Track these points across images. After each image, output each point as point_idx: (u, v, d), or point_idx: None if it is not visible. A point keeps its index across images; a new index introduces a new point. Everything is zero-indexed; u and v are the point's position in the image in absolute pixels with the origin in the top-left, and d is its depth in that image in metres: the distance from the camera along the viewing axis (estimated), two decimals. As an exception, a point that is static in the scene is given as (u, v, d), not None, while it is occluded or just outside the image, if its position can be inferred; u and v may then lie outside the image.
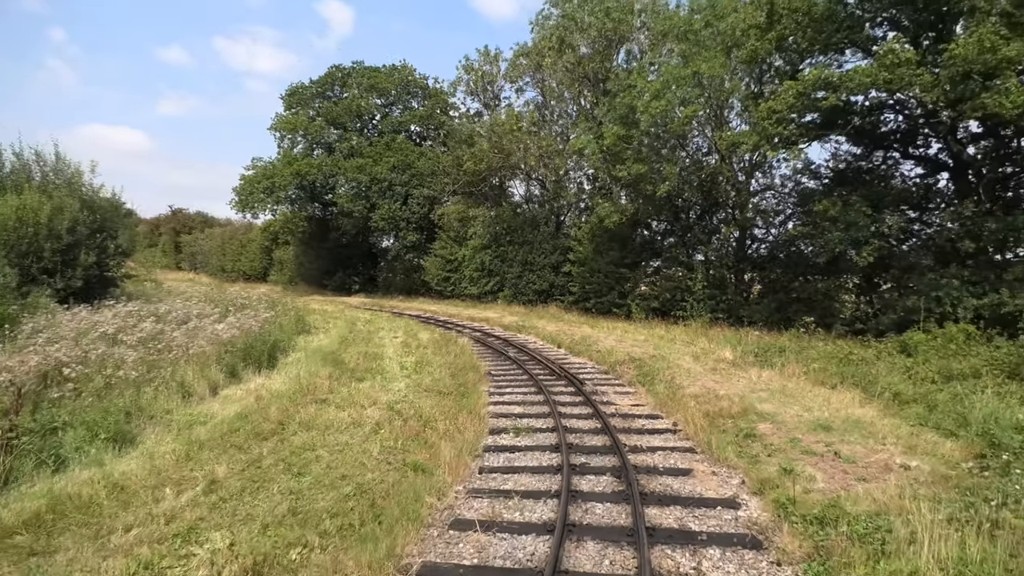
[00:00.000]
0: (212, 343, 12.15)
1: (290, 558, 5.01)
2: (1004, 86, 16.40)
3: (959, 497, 6.14)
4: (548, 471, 7.81)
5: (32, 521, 5.49)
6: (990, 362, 11.55)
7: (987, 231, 19.11)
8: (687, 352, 16.90)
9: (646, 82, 25.25)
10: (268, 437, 8.25)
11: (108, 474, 6.55)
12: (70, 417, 7.72)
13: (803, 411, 10.21)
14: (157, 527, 5.52)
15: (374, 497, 6.36)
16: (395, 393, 11.10)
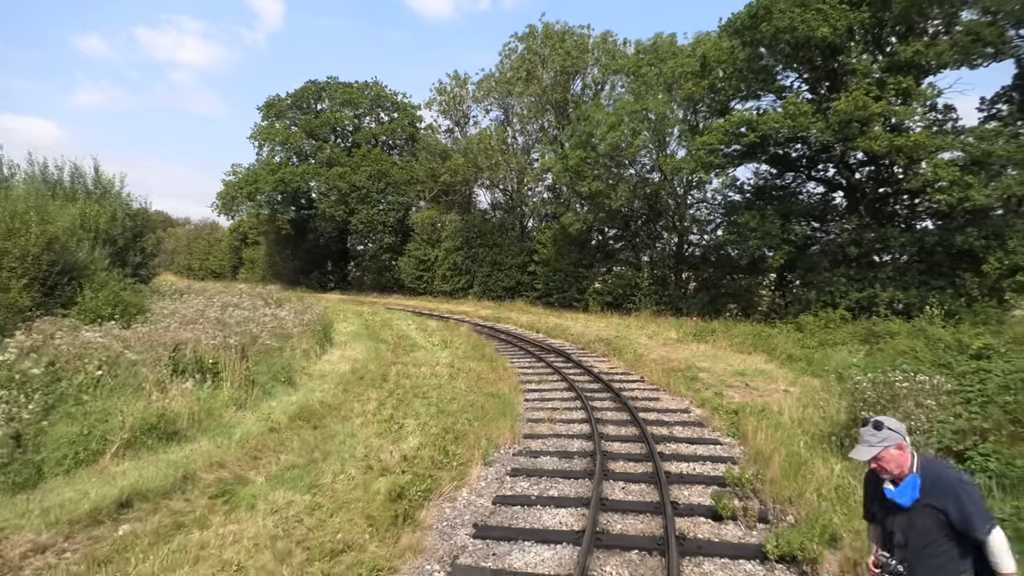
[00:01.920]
0: (296, 325, 15.83)
1: (459, 428, 9.00)
2: (873, 132, 21.63)
3: (810, 401, 10.68)
4: (571, 400, 12.00)
5: (297, 415, 9.30)
6: (851, 334, 16.48)
7: (866, 240, 24.53)
8: (642, 334, 21.43)
9: (604, 113, 29.82)
10: (383, 382, 12.16)
11: (310, 398, 10.38)
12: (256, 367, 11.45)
13: (727, 366, 14.79)
14: (370, 416, 9.45)
15: (480, 407, 10.38)
16: (444, 359, 15.09)
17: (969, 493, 2.94)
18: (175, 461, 7.29)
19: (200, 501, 6.37)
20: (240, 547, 5.31)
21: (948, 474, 3.05)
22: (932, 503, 2.96)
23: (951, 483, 2.97)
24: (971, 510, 2.89)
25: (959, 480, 3.00)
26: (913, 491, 3.01)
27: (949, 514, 2.91)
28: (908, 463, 3.04)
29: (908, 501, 3.02)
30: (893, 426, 3.06)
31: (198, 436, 8.37)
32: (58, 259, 15.85)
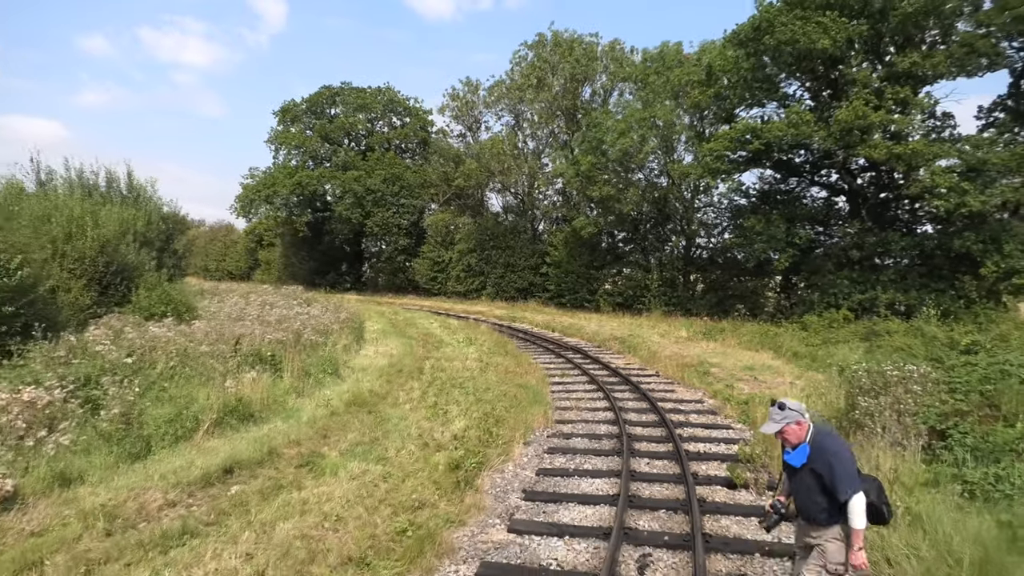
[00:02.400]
0: (333, 323, 16.89)
1: (497, 414, 10.02)
2: (873, 140, 22.56)
3: (813, 391, 11.66)
4: (594, 391, 13.00)
5: (352, 402, 10.34)
6: (853, 333, 17.44)
7: (868, 243, 25.47)
8: (654, 332, 22.42)
9: (613, 120, 30.82)
10: (420, 374, 13.20)
11: (359, 387, 11.42)
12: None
13: (736, 362, 15.77)
14: (416, 403, 10.50)
15: (512, 396, 11.39)
16: (472, 354, 16.13)
17: (842, 463, 3.83)
18: (258, 438, 8.34)
19: (288, 470, 7.42)
20: (334, 503, 6.34)
21: (829, 446, 3.94)
22: (815, 467, 3.90)
23: (829, 454, 3.87)
24: (840, 477, 3.80)
25: (835, 453, 3.88)
26: (802, 457, 3.97)
27: (824, 477, 3.85)
28: (804, 435, 3.99)
29: (798, 463, 4.00)
30: (793, 407, 4.01)
31: (270, 418, 9.42)
32: (111, 261, 16.96)
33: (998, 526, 5.09)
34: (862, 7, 23.56)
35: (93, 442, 7.43)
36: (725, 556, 5.68)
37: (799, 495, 4.05)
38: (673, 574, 5.38)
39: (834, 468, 3.83)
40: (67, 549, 5.26)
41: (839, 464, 3.84)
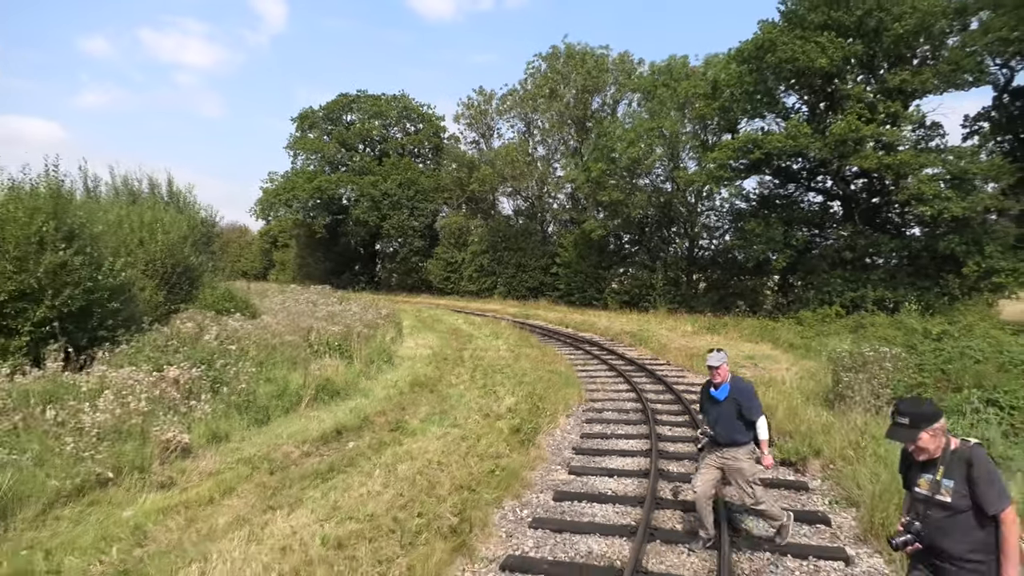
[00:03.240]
0: (376, 318, 18.66)
1: (538, 393, 11.78)
2: (865, 151, 24.32)
3: (806, 374, 13.44)
4: (614, 376, 14.77)
5: (414, 383, 12.12)
6: (843, 326, 19.21)
7: (859, 245, 27.25)
8: (661, 328, 24.18)
9: (623, 130, 32.60)
10: (462, 362, 14.97)
11: (415, 372, 13.20)
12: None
13: (739, 352, 17.54)
14: (468, 384, 12.27)
15: (547, 380, 13.15)
16: (502, 346, 17.91)
17: (750, 397, 5.63)
18: (351, 409, 10.12)
19: (384, 432, 9.19)
20: (431, 453, 8.11)
21: (743, 386, 5.75)
22: (734, 398, 5.65)
23: (743, 391, 5.67)
24: (750, 406, 5.59)
25: (747, 390, 5.70)
26: (725, 392, 5.71)
27: (741, 406, 5.61)
28: (727, 376, 5.75)
29: (722, 397, 5.72)
30: (722, 355, 5.75)
31: (352, 395, 11.20)
32: (177, 263, 18.71)
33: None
34: (857, 28, 25.32)
35: (227, 411, 9.20)
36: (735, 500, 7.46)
37: (720, 423, 5.73)
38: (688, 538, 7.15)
39: (748, 399, 5.62)
40: (247, 482, 7.04)
41: (750, 397, 5.64)
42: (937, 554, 3.28)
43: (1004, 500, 3.13)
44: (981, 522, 3.18)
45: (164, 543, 5.51)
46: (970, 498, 3.18)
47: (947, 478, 3.24)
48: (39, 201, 12.47)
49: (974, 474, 3.17)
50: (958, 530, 3.23)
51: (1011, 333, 13.58)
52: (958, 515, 3.22)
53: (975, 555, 3.17)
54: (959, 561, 3.19)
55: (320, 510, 6.15)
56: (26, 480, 6.25)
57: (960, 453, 3.27)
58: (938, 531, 3.27)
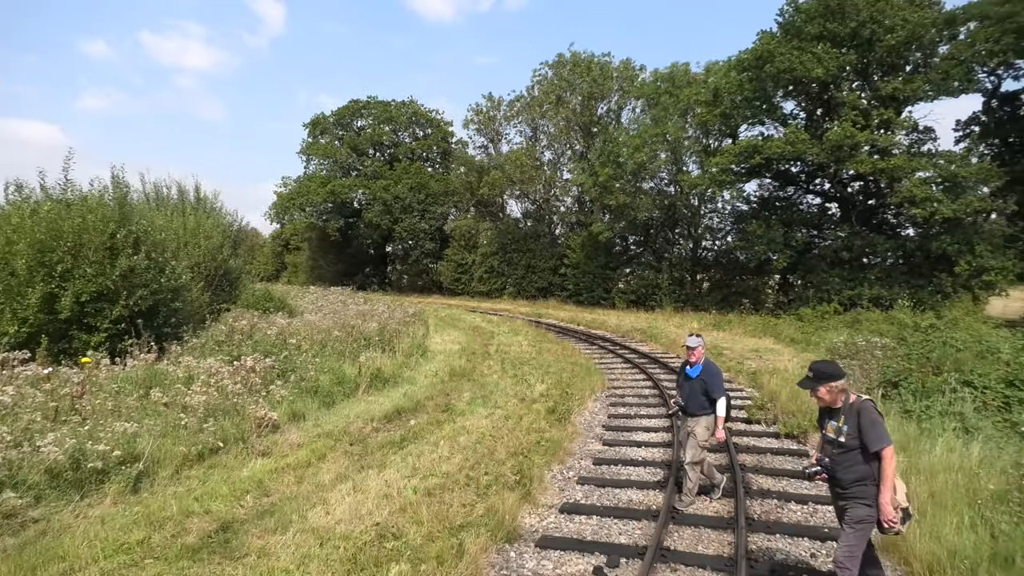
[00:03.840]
0: (406, 316, 19.90)
1: (565, 381, 13.02)
2: (860, 156, 25.53)
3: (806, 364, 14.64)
4: (630, 367, 16.00)
5: (452, 373, 13.36)
6: (841, 321, 20.44)
7: (856, 246, 28.47)
8: (669, 325, 25.41)
9: (628, 136, 33.85)
10: (490, 356, 16.21)
11: (451, 364, 14.44)
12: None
13: (744, 346, 18.78)
14: (500, 374, 13.51)
15: (571, 370, 14.40)
16: (523, 341, 19.15)
17: (716, 377, 6.77)
18: (403, 394, 11.36)
19: (436, 413, 10.42)
20: (484, 429, 9.34)
21: (712, 368, 6.90)
22: (703, 378, 6.82)
23: (710, 372, 6.83)
24: (715, 385, 6.73)
25: (715, 371, 6.86)
26: (697, 371, 6.90)
27: (707, 384, 6.78)
28: (701, 358, 6.94)
29: (695, 375, 6.90)
30: (700, 340, 6.97)
31: (400, 383, 12.44)
32: (219, 266, 19.96)
33: (919, 428, 8.11)
34: (851, 38, 26.56)
35: (299, 395, 10.44)
36: (747, 454, 8.68)
37: (690, 397, 6.88)
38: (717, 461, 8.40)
39: (713, 379, 6.80)
40: (333, 451, 8.27)
41: (716, 378, 6.83)
42: (837, 482, 4.37)
43: (884, 441, 4.12)
44: (866, 458, 4.19)
45: (284, 494, 6.74)
46: (859, 439, 4.19)
47: (845, 424, 4.29)
48: (108, 211, 13.71)
49: (862, 421, 4.19)
50: (850, 464, 4.25)
51: (993, 327, 14.82)
52: (850, 452, 4.24)
53: (862, 482, 4.23)
54: (851, 486, 4.27)
55: (403, 470, 7.39)
56: (159, 447, 7.49)
57: (855, 405, 4.30)
58: (837, 465, 4.31)
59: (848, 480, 4.27)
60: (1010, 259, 24.43)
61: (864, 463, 4.22)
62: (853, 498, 4.25)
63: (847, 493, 4.30)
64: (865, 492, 4.22)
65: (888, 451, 4.14)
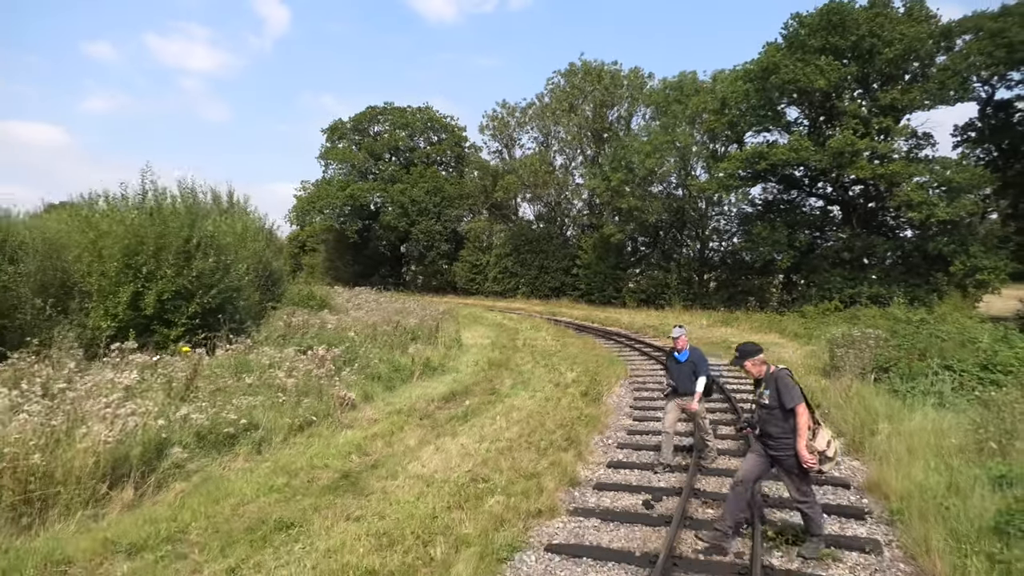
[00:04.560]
0: (436, 314, 21.38)
1: (592, 370, 14.47)
2: (860, 162, 26.89)
3: (809, 356, 16.06)
4: (648, 360, 17.40)
5: (490, 363, 14.83)
6: (841, 318, 21.82)
7: (856, 247, 29.83)
8: (681, 320, 26.79)
9: (639, 143, 35.31)
10: (519, 349, 17.68)
11: (487, 355, 15.91)
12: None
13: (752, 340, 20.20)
14: (533, 364, 14.98)
15: (596, 361, 15.84)
16: (547, 337, 20.61)
17: (703, 361, 8.03)
18: (452, 380, 12.85)
19: (484, 396, 11.89)
20: (530, 408, 10.79)
21: (698, 354, 8.16)
22: (692, 360, 8.09)
23: (698, 356, 8.10)
24: (701, 367, 7.98)
25: (702, 356, 8.13)
26: (685, 356, 8.14)
27: (696, 367, 8.09)
28: (687, 345, 8.25)
29: (683, 359, 8.16)
30: (683, 330, 8.31)
31: (446, 371, 13.93)
32: (265, 267, 21.49)
33: (903, 403, 9.55)
34: (852, 51, 27.95)
35: (366, 380, 11.93)
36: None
37: (681, 379, 7.93)
38: (729, 448, 9.84)
39: (701, 362, 8.03)
40: (407, 424, 9.74)
41: (702, 361, 8.05)
42: (765, 436, 5.51)
43: (796, 400, 5.22)
44: (785, 416, 5.29)
45: (381, 454, 8.22)
46: (778, 401, 5.32)
47: (767, 390, 5.49)
48: (182, 218, 15.23)
49: (779, 386, 5.34)
50: (774, 421, 5.36)
51: (979, 321, 16.22)
52: (773, 411, 5.36)
53: (783, 435, 5.34)
54: (775, 439, 5.41)
55: (473, 437, 8.87)
56: (270, 419, 8.98)
57: (773, 374, 5.47)
58: (764, 422, 5.45)
59: (774, 434, 5.40)
60: (1002, 259, 25.78)
61: (784, 420, 5.33)
62: (782, 449, 5.39)
63: (776, 445, 5.41)
64: (789, 444, 5.31)
65: (800, 408, 5.24)
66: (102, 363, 10.90)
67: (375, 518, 5.93)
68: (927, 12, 29.08)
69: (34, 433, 6.25)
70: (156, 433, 7.36)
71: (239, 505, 6.33)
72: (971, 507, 5.39)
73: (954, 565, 4.66)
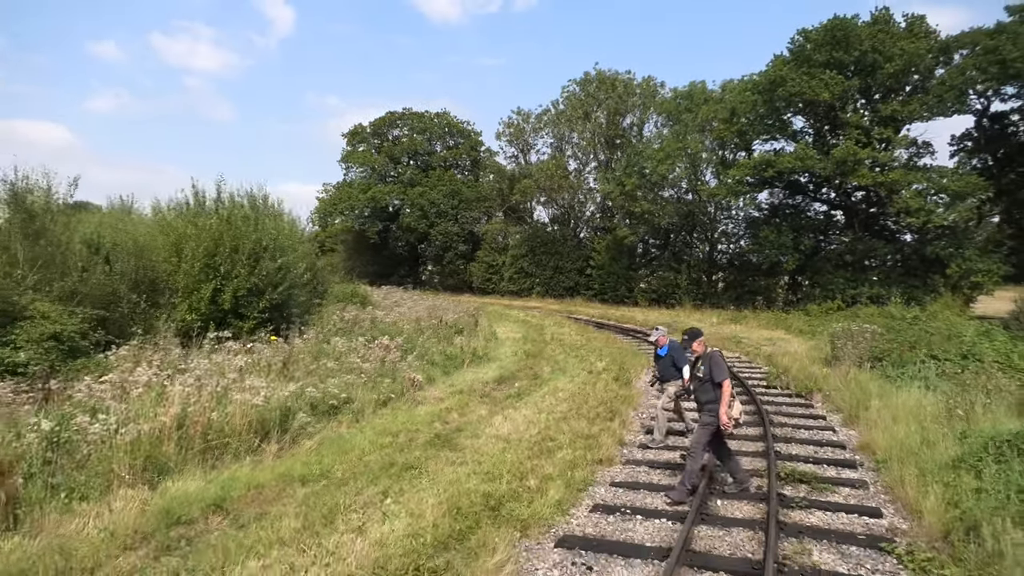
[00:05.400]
0: (467, 311, 23.03)
1: (619, 360, 16.08)
2: (862, 171, 28.42)
3: (813, 349, 17.66)
4: (665, 353, 19.06)
5: (528, 353, 16.48)
6: (842, 316, 23.37)
7: (858, 250, 31.34)
8: (691, 319, 28.39)
9: (652, 150, 36.92)
10: (548, 342, 19.34)
11: (524, 347, 17.57)
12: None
13: (759, 336, 21.79)
14: (565, 355, 16.62)
15: (621, 352, 17.45)
16: (571, 332, 22.24)
17: (680, 354, 9.30)
18: (497, 367, 14.50)
19: (528, 380, 13.54)
20: (572, 388, 12.43)
21: (677, 347, 9.49)
22: (671, 355, 9.54)
23: (676, 350, 9.49)
24: (680, 360, 9.31)
25: (679, 348, 9.38)
26: (665, 351, 9.65)
27: (675, 359, 9.58)
28: (666, 342, 9.75)
29: (663, 353, 9.67)
30: (663, 329, 9.94)
31: (490, 360, 15.59)
32: (310, 267, 23.21)
33: (893, 386, 11.16)
34: (856, 65, 29.47)
35: (426, 365, 13.60)
36: (769, 406, 11.75)
37: (664, 370, 9.20)
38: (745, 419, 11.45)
39: (679, 355, 9.28)
40: (470, 401, 11.39)
41: (680, 354, 9.32)
42: (699, 402, 7.05)
43: (723, 375, 6.63)
44: (714, 387, 6.69)
45: (458, 422, 9.88)
46: (710, 375, 6.77)
47: (703, 365, 6.95)
48: (251, 223, 16.93)
49: (712, 364, 6.78)
50: (705, 390, 6.83)
51: (967, 319, 17.79)
52: (705, 383, 6.82)
53: (712, 402, 6.75)
54: (704, 404, 6.86)
55: (531, 410, 10.52)
56: (360, 395, 10.65)
57: (708, 354, 6.93)
58: (698, 391, 6.99)
59: (703, 400, 6.93)
60: (996, 262, 27.28)
61: (713, 390, 6.77)
62: (705, 412, 6.84)
63: (704, 408, 6.90)
64: (713, 408, 6.73)
65: (726, 383, 6.66)
66: (196, 350, 12.61)
67: (474, 464, 7.59)
68: (927, 28, 30.60)
69: (208, 398, 7.96)
70: (283, 402, 9.05)
71: (362, 455, 8.00)
72: (937, 454, 7.01)
73: (919, 490, 6.29)
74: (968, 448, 6.79)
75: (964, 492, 5.85)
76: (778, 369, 14.74)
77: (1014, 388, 9.28)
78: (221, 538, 5.48)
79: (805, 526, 6.01)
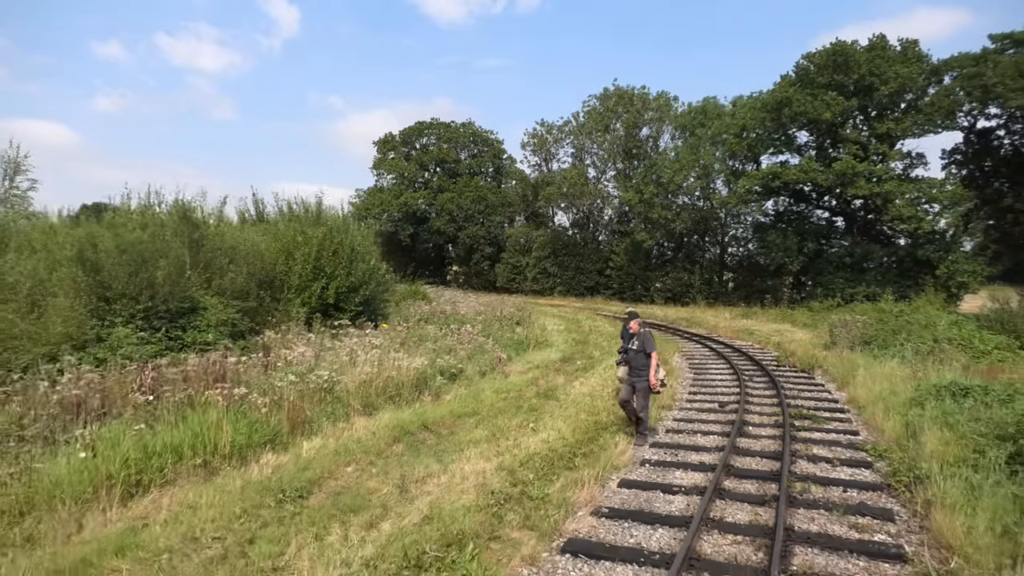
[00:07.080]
0: (514, 306, 26.12)
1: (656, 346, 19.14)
2: (859, 183, 31.36)
3: (814, 337, 20.67)
4: (691, 341, 22.05)
5: (575, 341, 19.55)
6: (840, 311, 26.37)
7: (857, 253, 34.26)
8: (706, 315, 31.45)
9: (669, 161, 39.98)
10: (589, 334, 22.41)
11: (567, 338, 20.65)
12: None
13: (768, 329, 24.80)
14: (614, 344, 19.69)
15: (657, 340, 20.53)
16: (605, 325, 25.28)
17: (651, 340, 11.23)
18: (557, 350, 17.59)
19: (585, 361, 16.61)
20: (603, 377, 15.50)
21: (647, 334, 11.90)
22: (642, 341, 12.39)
23: (647, 336, 12.04)
24: (648, 346, 11.17)
25: (648, 335, 11.58)
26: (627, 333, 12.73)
27: (645, 345, 12.34)
28: (639, 329, 12.45)
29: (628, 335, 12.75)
30: (637, 315, 12.84)
31: (548, 346, 18.69)
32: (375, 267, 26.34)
33: (877, 361, 14.21)
34: (854, 87, 32.41)
35: (503, 347, 16.69)
36: (780, 379, 14.80)
37: (635, 358, 9.37)
38: (761, 385, 14.48)
39: (648, 342, 11.46)
40: (544, 375, 14.48)
41: (650, 340, 11.50)
42: (633, 368, 9.66)
43: (653, 348, 9.04)
44: (646, 357, 9.08)
45: (545, 385, 12.97)
46: (643, 347, 9.36)
47: (637, 340, 9.70)
48: (343, 231, 20.04)
49: (644, 339, 9.46)
50: (639, 359, 9.13)
51: (947, 313, 20.78)
52: (639, 353, 9.11)
53: (644, 368, 9.14)
54: (638, 370, 9.51)
55: (598, 379, 13.60)
56: (463, 368, 13.75)
57: (642, 330, 9.76)
58: (633, 359, 9.36)
59: (638, 365, 9.11)
60: (979, 265, 30.19)
61: (646, 359, 9.06)
62: (640, 377, 9.06)
63: (638, 374, 9.02)
64: (645, 374, 8.99)
65: (654, 354, 9.01)
66: (319, 335, 15.75)
67: (575, 407, 10.70)
68: (919, 53, 33.49)
69: (391, 363, 11.12)
70: (423, 369, 12.19)
71: (492, 403, 11.10)
72: (898, 399, 10.08)
73: (884, 419, 9.36)
74: (918, 393, 9.86)
75: (912, 417, 8.92)
76: (786, 352, 17.77)
77: (964, 359, 12.33)
78: (439, 440, 8.61)
79: (808, 438, 9.11)
